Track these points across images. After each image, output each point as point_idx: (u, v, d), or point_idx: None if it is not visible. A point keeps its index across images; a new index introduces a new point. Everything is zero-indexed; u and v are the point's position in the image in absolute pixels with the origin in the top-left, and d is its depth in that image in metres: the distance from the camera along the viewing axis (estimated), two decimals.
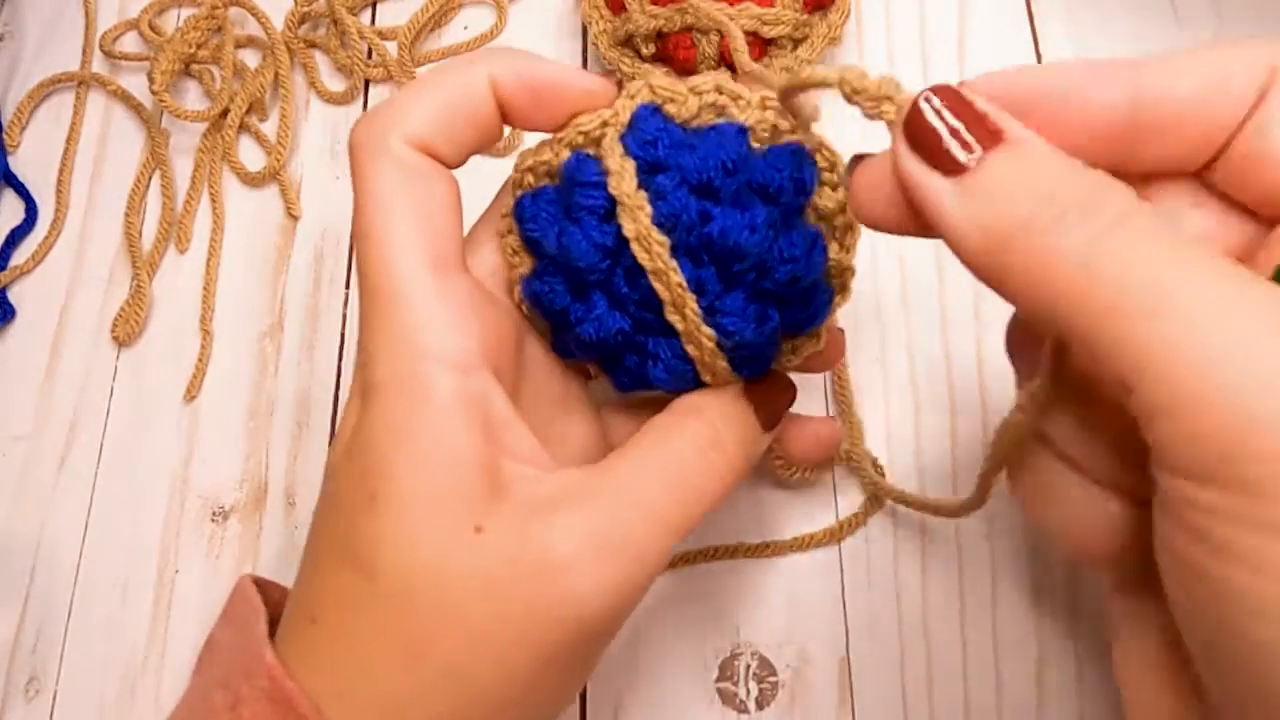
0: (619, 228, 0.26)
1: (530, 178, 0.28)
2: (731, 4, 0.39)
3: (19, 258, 0.45)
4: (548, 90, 0.27)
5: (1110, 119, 0.23)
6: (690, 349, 0.27)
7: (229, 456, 0.40)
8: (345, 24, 0.46)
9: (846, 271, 0.29)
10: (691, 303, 0.26)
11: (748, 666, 0.35)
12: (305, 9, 0.47)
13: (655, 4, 0.40)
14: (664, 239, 0.26)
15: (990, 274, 0.21)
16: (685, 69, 0.40)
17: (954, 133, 0.22)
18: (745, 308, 0.27)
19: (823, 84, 0.25)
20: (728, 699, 0.35)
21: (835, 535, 0.36)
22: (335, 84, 0.47)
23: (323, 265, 0.43)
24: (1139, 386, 0.19)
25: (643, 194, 0.26)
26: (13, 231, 0.45)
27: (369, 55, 0.47)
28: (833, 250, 0.29)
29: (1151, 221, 0.20)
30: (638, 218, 0.26)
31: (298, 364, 0.42)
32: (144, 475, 0.40)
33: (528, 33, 0.47)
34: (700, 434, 0.27)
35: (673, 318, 0.27)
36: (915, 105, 0.22)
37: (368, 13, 0.48)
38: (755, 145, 0.28)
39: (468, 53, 0.28)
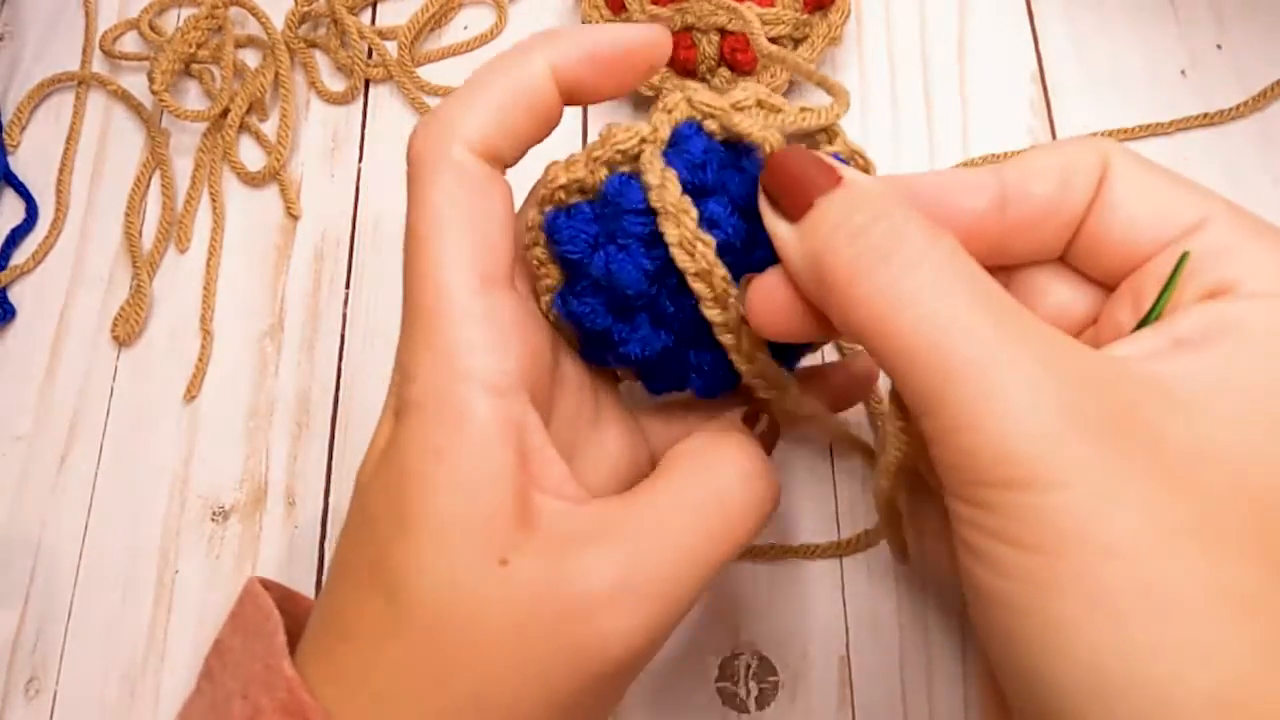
0: (665, 250, 0.26)
1: (562, 194, 0.27)
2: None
3: (19, 258, 0.45)
4: (609, 57, 0.26)
5: (980, 223, 0.25)
6: (728, 339, 0.26)
7: (229, 456, 0.40)
8: (345, 24, 0.46)
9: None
10: (734, 292, 0.26)
11: (748, 666, 0.35)
12: (305, 9, 0.47)
13: (655, 4, 0.40)
14: (709, 238, 0.25)
15: (820, 304, 0.23)
16: (685, 69, 0.40)
17: (799, 180, 0.24)
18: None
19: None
20: (728, 699, 0.35)
21: (842, 550, 0.36)
22: (335, 84, 0.47)
23: (323, 265, 0.43)
24: (919, 414, 0.21)
25: (687, 199, 0.25)
26: (13, 231, 0.45)
27: (369, 55, 0.47)
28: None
29: (945, 258, 0.22)
30: (682, 222, 0.25)
31: (298, 364, 0.42)
32: (144, 475, 0.40)
33: (528, 33, 0.46)
34: (741, 461, 0.26)
35: (711, 312, 0.26)
36: (770, 160, 0.25)
37: (368, 13, 0.48)
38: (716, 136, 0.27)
39: (520, 43, 0.27)
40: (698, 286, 0.26)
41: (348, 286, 0.43)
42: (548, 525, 0.24)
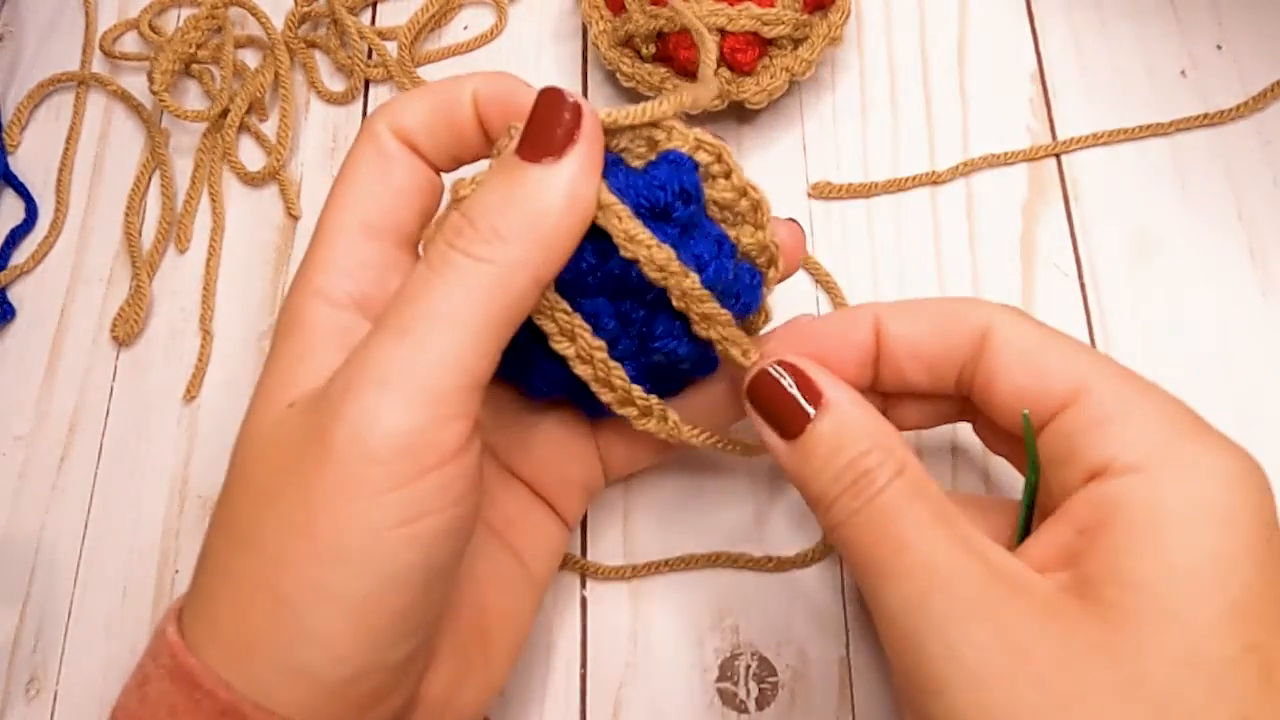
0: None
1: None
2: (732, 4, 0.39)
3: (19, 258, 0.45)
4: (512, 106, 0.29)
5: (862, 371, 0.29)
6: (584, 370, 0.28)
7: (229, 456, 0.40)
8: (345, 24, 0.46)
9: (768, 247, 0.30)
10: (600, 350, 0.28)
11: (748, 666, 0.35)
12: (305, 9, 0.47)
13: (655, 4, 0.40)
14: (569, 310, 0.27)
15: (817, 516, 0.27)
16: (686, 69, 0.40)
17: (787, 406, 0.27)
18: (672, 324, 0.28)
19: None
20: (728, 699, 0.35)
21: (802, 561, 0.36)
22: (335, 84, 0.47)
23: None
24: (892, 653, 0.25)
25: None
26: (13, 231, 0.45)
27: (369, 55, 0.47)
28: (746, 235, 0.29)
29: (906, 492, 0.25)
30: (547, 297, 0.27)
31: None
32: (144, 475, 0.40)
33: (528, 33, 0.47)
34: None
35: (581, 370, 0.28)
36: (751, 385, 0.28)
37: (368, 13, 0.48)
38: (635, 164, 0.29)
39: (471, 72, 0.30)
40: (567, 354, 0.28)
41: None
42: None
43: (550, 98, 0.26)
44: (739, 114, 0.43)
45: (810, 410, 0.26)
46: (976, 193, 0.41)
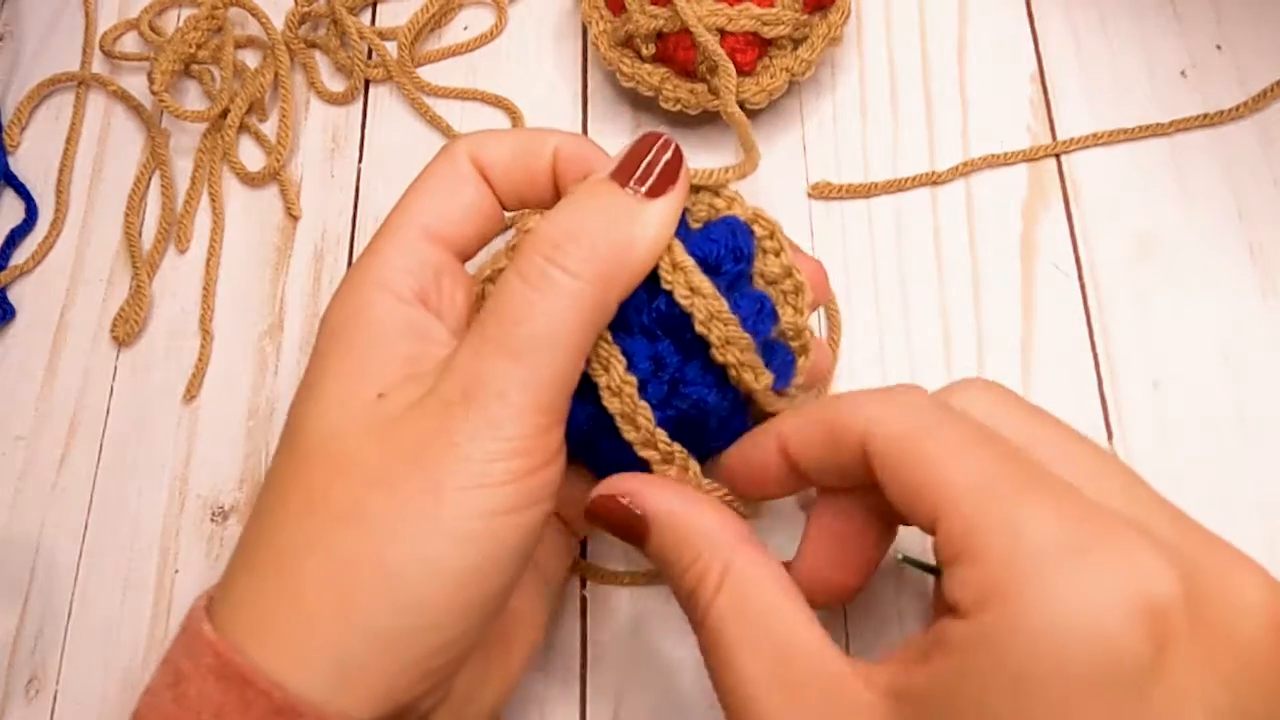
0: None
1: (491, 287, 0.30)
2: (731, 4, 0.39)
3: (19, 258, 0.45)
4: (588, 168, 0.30)
5: (780, 475, 0.29)
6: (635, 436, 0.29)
7: (229, 456, 0.40)
8: (345, 24, 0.46)
9: (804, 332, 0.31)
10: (629, 385, 0.28)
11: None
12: (305, 9, 0.47)
13: (655, 4, 0.39)
14: (610, 340, 0.28)
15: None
16: (685, 70, 0.40)
17: (621, 517, 0.29)
18: (704, 375, 0.29)
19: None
20: None
21: None
22: (335, 84, 0.47)
23: (323, 265, 0.43)
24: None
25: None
26: (13, 231, 0.45)
27: (369, 55, 0.47)
28: (786, 314, 0.30)
29: (726, 608, 0.26)
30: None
31: (298, 364, 0.42)
32: (144, 475, 0.40)
33: (528, 33, 0.47)
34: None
35: (610, 403, 0.28)
36: (591, 504, 0.29)
37: (368, 13, 0.48)
38: (694, 225, 0.30)
39: (553, 128, 0.33)
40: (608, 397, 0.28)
41: None
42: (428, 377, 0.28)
43: (655, 138, 0.29)
44: None
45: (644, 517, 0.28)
46: (976, 193, 0.41)
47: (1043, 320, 0.39)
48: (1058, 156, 0.41)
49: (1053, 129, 0.42)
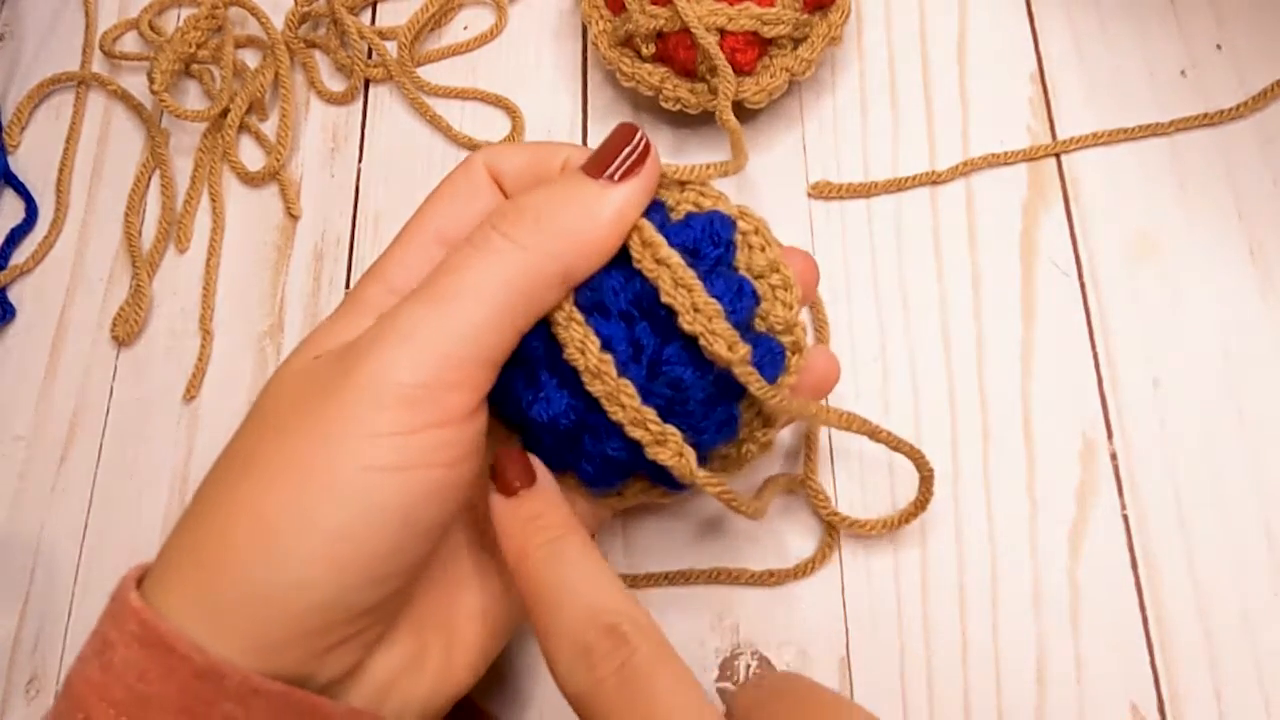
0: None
1: None
2: (731, 4, 0.39)
3: (19, 258, 0.45)
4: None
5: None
6: (618, 414, 0.28)
7: None
8: (345, 24, 0.46)
9: (795, 328, 0.30)
10: (607, 365, 0.28)
11: (748, 666, 0.35)
12: (305, 9, 0.47)
13: (655, 4, 0.39)
14: (582, 321, 0.28)
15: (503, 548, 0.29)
16: (685, 69, 0.40)
17: (507, 477, 0.29)
18: (681, 353, 0.28)
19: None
20: (728, 699, 0.35)
21: (801, 573, 0.36)
22: (335, 84, 0.47)
23: (323, 265, 0.43)
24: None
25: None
26: (13, 231, 0.45)
27: (369, 55, 0.47)
28: (775, 310, 0.30)
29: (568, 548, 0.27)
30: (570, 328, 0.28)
31: None
32: (144, 475, 0.40)
33: (528, 33, 0.47)
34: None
35: (593, 385, 0.28)
36: (494, 459, 0.30)
37: (368, 13, 0.48)
38: (674, 218, 0.30)
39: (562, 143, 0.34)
40: (577, 361, 0.28)
41: (348, 286, 0.43)
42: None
43: (625, 130, 0.29)
44: (739, 114, 0.43)
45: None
46: (976, 192, 0.41)
47: (1043, 320, 0.39)
48: (1058, 156, 0.41)
49: (1053, 129, 0.42)
